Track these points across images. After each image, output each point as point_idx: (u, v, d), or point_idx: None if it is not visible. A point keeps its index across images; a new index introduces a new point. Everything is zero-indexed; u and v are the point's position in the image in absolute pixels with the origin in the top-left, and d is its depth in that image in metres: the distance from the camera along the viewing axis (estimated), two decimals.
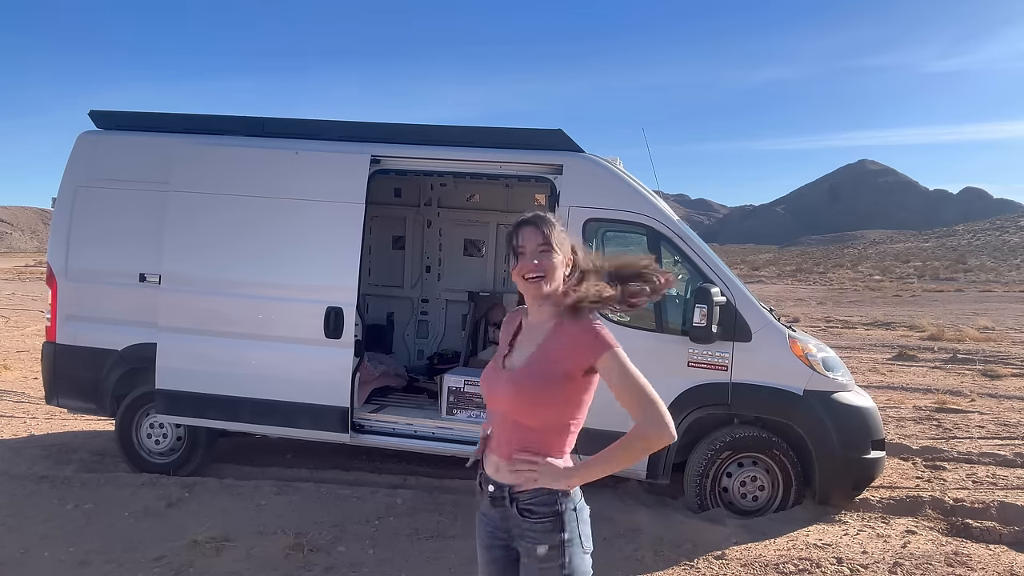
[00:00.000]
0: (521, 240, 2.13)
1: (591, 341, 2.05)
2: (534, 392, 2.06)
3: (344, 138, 5.75)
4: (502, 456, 2.12)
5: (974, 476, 6.29)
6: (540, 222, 2.14)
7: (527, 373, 2.09)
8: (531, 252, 2.11)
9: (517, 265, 2.13)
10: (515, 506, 2.07)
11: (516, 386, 2.08)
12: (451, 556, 4.50)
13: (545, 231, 2.12)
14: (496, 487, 2.12)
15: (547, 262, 2.10)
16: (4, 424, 7.50)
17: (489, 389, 2.19)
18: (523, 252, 2.12)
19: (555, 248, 2.11)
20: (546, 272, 2.10)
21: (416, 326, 8.32)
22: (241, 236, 5.64)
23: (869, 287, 39.09)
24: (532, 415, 2.08)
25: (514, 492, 2.08)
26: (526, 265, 2.11)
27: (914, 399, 9.66)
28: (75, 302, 5.99)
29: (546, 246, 2.10)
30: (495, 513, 2.15)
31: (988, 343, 15.69)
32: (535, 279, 2.10)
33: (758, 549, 4.62)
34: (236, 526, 4.82)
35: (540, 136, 5.68)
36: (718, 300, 5.10)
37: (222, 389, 5.62)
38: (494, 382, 2.17)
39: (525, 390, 2.07)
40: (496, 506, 2.13)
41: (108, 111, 6.21)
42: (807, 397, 5.17)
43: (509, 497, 2.08)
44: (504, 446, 2.12)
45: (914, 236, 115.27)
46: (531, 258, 2.10)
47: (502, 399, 2.12)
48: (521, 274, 2.12)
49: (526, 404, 2.07)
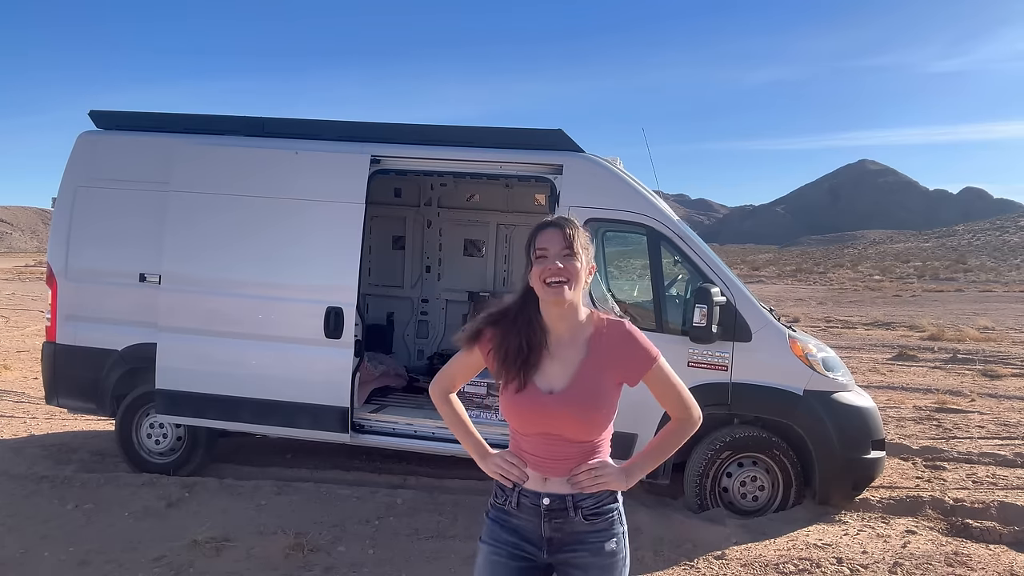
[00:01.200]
0: (543, 243, 2.03)
1: (641, 354, 2.09)
2: (593, 412, 2.03)
3: (344, 138, 5.75)
4: (556, 474, 2.07)
5: (974, 476, 6.29)
6: (565, 224, 2.05)
7: (582, 394, 2.03)
8: (554, 255, 2.01)
9: (537, 268, 2.02)
10: (580, 513, 2.07)
11: (572, 407, 2.02)
12: (451, 556, 4.50)
13: (569, 233, 2.03)
14: (554, 499, 2.07)
15: (571, 266, 2.01)
16: (4, 424, 7.50)
17: (530, 414, 2.06)
18: (545, 255, 2.02)
19: (578, 252, 2.02)
20: (570, 277, 2.00)
21: (416, 326, 8.32)
22: (241, 236, 5.64)
23: (869, 287, 39.09)
24: (590, 432, 2.06)
25: (578, 501, 2.07)
26: (549, 268, 2.00)
27: (914, 399, 9.66)
28: (75, 302, 5.99)
29: (569, 250, 2.01)
30: (538, 526, 2.09)
31: (988, 343, 15.69)
32: (558, 284, 2.00)
33: (758, 549, 4.62)
34: (236, 526, 4.82)
35: (540, 136, 5.68)
36: (718, 300, 5.09)
37: (222, 389, 5.62)
38: (537, 406, 2.04)
39: (584, 410, 2.02)
40: (554, 518, 2.08)
41: (108, 111, 6.21)
42: (807, 397, 5.17)
43: (574, 507, 2.07)
44: (558, 462, 2.07)
45: (914, 236, 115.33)
46: (554, 261, 2.01)
47: (553, 422, 2.04)
48: (543, 278, 2.01)
49: (585, 424, 2.04)
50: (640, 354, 2.09)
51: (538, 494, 2.08)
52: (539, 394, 2.05)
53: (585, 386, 2.04)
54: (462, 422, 2.30)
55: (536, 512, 2.09)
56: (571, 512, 2.07)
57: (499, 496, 2.16)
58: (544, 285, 2.01)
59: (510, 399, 2.09)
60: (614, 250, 6.43)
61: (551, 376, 2.06)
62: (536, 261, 2.03)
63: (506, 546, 2.12)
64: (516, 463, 2.11)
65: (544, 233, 2.05)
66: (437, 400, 2.34)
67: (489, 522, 2.18)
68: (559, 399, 2.03)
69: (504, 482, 2.13)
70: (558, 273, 1.99)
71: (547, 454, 2.08)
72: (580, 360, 2.06)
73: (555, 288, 2.00)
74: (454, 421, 2.32)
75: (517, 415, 2.09)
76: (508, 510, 2.13)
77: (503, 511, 2.14)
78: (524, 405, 2.06)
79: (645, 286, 5.70)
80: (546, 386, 2.06)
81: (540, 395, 2.05)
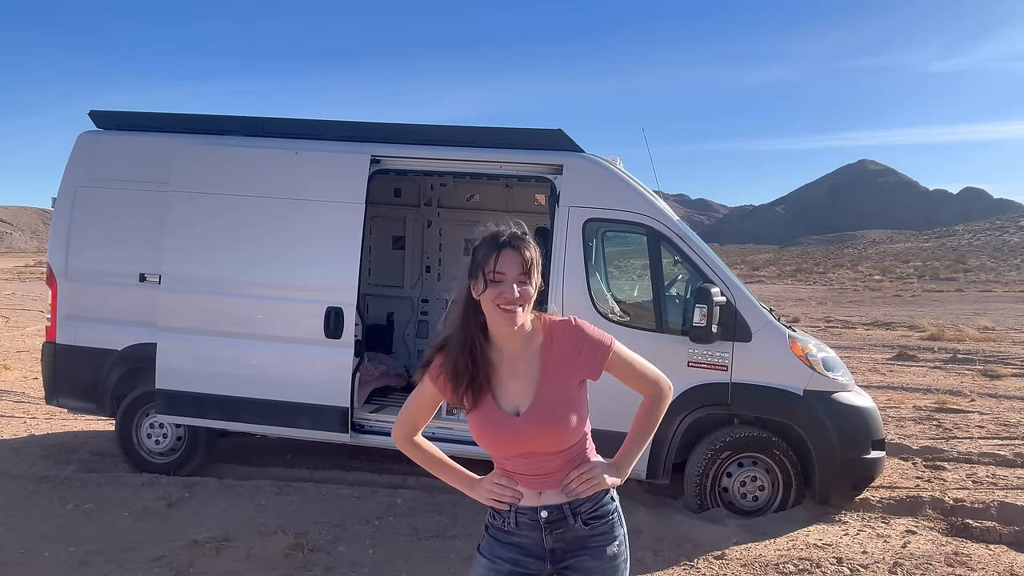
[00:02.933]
0: (501, 266, 1.94)
1: (595, 347, 2.05)
2: (564, 423, 2.00)
3: (344, 138, 5.76)
4: (549, 486, 2.05)
5: (974, 476, 6.29)
6: (523, 247, 1.96)
7: (548, 409, 1.99)
8: (511, 280, 1.94)
9: (492, 292, 1.94)
10: (579, 520, 2.05)
11: (541, 424, 1.99)
12: (451, 556, 4.50)
13: (527, 258, 1.95)
14: (552, 510, 2.04)
15: (526, 292, 1.96)
16: (4, 424, 7.50)
17: (504, 439, 2.02)
18: (502, 280, 1.94)
19: (534, 276, 1.97)
20: (525, 302, 1.96)
21: (416, 326, 8.32)
22: (241, 236, 5.63)
23: (869, 287, 39.08)
24: (566, 441, 2.03)
25: (576, 508, 2.05)
26: (504, 295, 1.93)
27: (914, 399, 9.66)
28: (75, 302, 5.99)
29: (526, 276, 1.95)
30: (539, 540, 2.06)
31: (988, 343, 15.69)
32: (511, 310, 1.95)
33: (758, 549, 4.62)
34: (236, 526, 4.82)
35: (540, 136, 5.68)
36: (718, 300, 5.09)
37: (222, 389, 5.62)
38: (508, 430, 2.00)
39: (554, 424, 1.99)
40: (555, 529, 2.05)
41: (108, 111, 6.21)
42: (807, 397, 5.17)
43: (573, 514, 2.05)
44: (548, 476, 2.05)
45: (914, 236, 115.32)
46: (511, 286, 1.93)
47: (529, 442, 2.01)
48: (497, 303, 1.94)
49: (559, 437, 2.01)
50: (594, 347, 2.05)
51: (535, 509, 2.06)
52: (506, 417, 2.01)
53: (549, 400, 2.00)
54: (439, 460, 2.20)
55: (536, 527, 2.06)
56: (571, 520, 2.05)
57: (496, 518, 2.12)
58: (497, 308, 1.95)
59: (480, 428, 2.05)
60: (614, 250, 6.43)
61: (513, 395, 2.02)
62: (491, 284, 1.94)
63: (507, 562, 2.08)
64: (507, 483, 2.08)
65: (503, 256, 1.94)
66: (404, 447, 2.20)
67: (489, 537, 2.15)
68: (527, 419, 2.00)
69: (499, 506, 2.09)
70: (514, 301, 1.94)
71: (534, 471, 2.05)
72: (538, 376, 2.02)
73: (508, 314, 1.95)
74: (430, 462, 2.21)
75: (492, 442, 2.05)
76: (508, 530, 2.09)
77: (503, 531, 2.11)
78: (495, 430, 2.02)
79: (645, 286, 5.70)
80: (511, 408, 2.02)
81: (507, 418, 2.01)
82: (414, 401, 2.17)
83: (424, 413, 2.18)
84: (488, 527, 2.16)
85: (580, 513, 2.05)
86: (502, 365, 2.04)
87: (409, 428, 2.19)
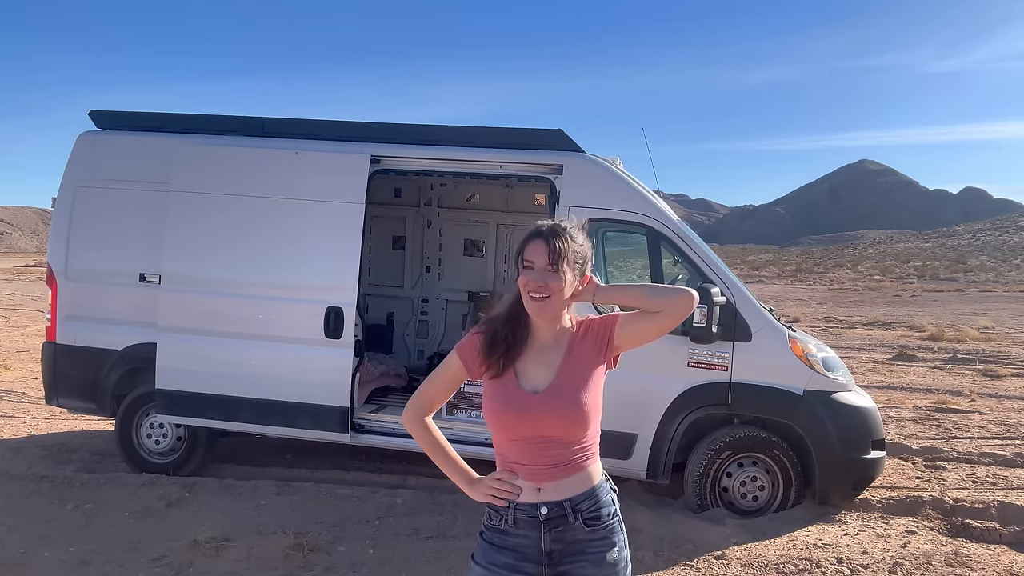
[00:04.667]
0: (530, 254, 2.02)
1: (605, 320, 2.12)
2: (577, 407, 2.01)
3: (344, 138, 5.76)
4: (549, 479, 2.03)
5: (974, 476, 6.29)
6: (553, 238, 2.00)
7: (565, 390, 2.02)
8: (539, 269, 2.00)
9: (522, 279, 2.03)
10: (579, 518, 2.04)
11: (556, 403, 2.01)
12: (451, 556, 4.50)
13: (555, 248, 1.99)
14: (551, 507, 2.03)
15: (554, 283, 1.99)
16: (4, 424, 7.50)
17: (516, 415, 2.03)
18: (531, 267, 2.01)
19: (563, 269, 1.99)
20: (552, 293, 1.99)
21: (416, 326, 8.33)
22: (241, 236, 5.64)
23: (869, 287, 39.09)
24: (576, 429, 2.03)
25: (576, 505, 2.04)
26: (530, 283, 2.00)
27: (914, 399, 9.66)
28: (75, 302, 5.99)
29: (553, 267, 1.99)
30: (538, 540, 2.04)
31: (988, 343, 15.69)
32: (540, 298, 2.00)
33: (758, 549, 4.62)
34: (236, 526, 4.82)
35: (540, 136, 5.68)
36: (718, 300, 5.09)
37: (222, 389, 5.62)
38: (523, 407, 2.02)
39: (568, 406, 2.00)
40: (554, 527, 2.02)
41: (108, 111, 6.20)
42: (807, 397, 5.17)
43: (573, 512, 2.03)
44: (549, 468, 2.03)
45: (914, 236, 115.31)
46: (538, 275, 2.00)
47: (540, 424, 2.01)
48: (527, 291, 2.02)
49: (570, 421, 2.01)
50: (604, 320, 2.12)
51: (534, 505, 2.03)
52: (523, 394, 2.04)
53: (567, 383, 2.03)
54: (443, 449, 2.19)
55: (535, 524, 2.03)
56: (570, 518, 2.03)
57: (493, 517, 2.10)
58: (528, 296, 2.02)
59: (497, 401, 2.06)
60: (614, 250, 6.44)
61: (534, 377, 2.06)
62: (522, 271, 2.03)
63: (503, 569, 2.05)
64: (506, 478, 2.07)
65: (532, 244, 2.02)
66: (412, 426, 2.20)
67: (483, 543, 2.11)
68: (543, 397, 2.02)
69: (498, 503, 2.07)
70: (539, 289, 2.00)
71: (537, 459, 2.04)
72: (560, 361, 2.07)
73: (535, 301, 2.01)
74: (435, 448, 2.19)
75: (505, 419, 2.05)
76: (505, 529, 2.06)
77: (499, 532, 2.08)
78: (511, 405, 2.03)
79: None
80: (530, 387, 2.05)
81: (524, 395, 2.03)
82: (435, 377, 2.21)
83: (443, 391, 2.23)
84: (483, 532, 2.13)
85: (580, 511, 2.04)
86: (532, 350, 2.09)
87: (424, 406, 2.21)
